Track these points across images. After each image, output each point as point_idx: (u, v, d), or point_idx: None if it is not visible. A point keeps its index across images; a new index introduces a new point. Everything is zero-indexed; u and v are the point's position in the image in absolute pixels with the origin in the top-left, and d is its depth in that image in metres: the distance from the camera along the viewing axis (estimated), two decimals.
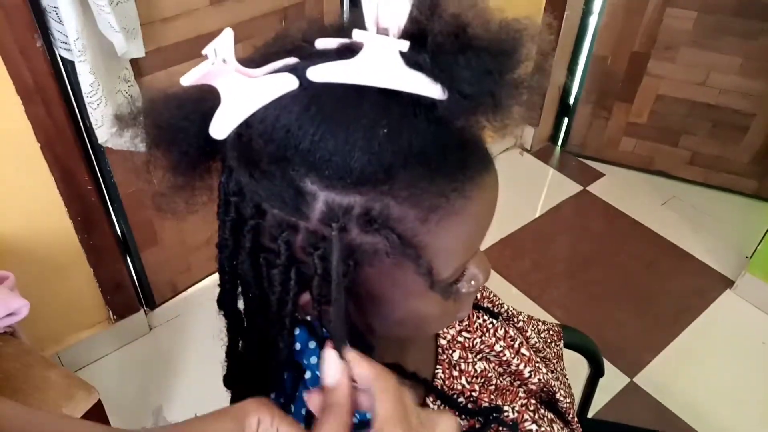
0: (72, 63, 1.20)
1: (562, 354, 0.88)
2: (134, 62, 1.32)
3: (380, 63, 0.38)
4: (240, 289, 0.48)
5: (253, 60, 0.42)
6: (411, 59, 0.38)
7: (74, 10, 1.11)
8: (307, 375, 0.52)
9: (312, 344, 0.54)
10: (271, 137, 0.39)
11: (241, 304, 0.50)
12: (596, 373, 1.03)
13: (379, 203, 0.39)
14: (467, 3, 0.39)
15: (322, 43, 0.42)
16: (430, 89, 0.38)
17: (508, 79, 0.38)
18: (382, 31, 0.38)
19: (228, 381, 0.54)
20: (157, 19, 1.37)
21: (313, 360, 0.53)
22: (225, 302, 0.49)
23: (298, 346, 0.54)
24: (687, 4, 2.06)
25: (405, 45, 0.37)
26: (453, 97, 0.38)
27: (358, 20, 0.40)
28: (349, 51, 0.39)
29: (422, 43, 0.38)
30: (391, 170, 0.38)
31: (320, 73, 0.38)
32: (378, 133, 0.38)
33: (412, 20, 0.38)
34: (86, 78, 1.19)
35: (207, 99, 0.41)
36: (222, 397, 0.55)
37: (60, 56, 1.23)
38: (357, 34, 0.38)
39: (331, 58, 0.39)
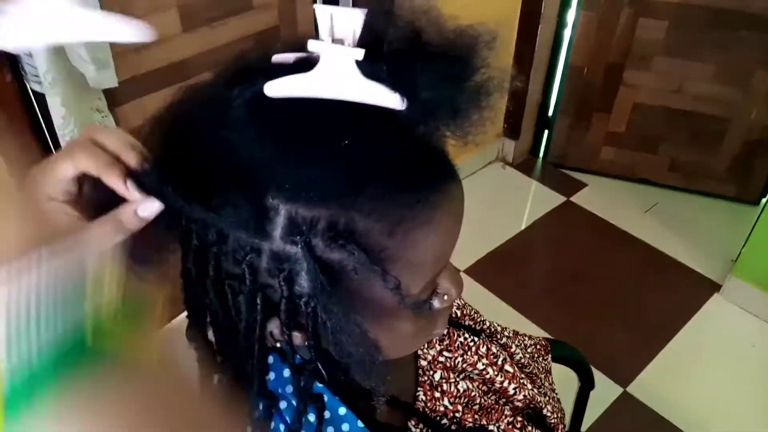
0: (44, 96, 1.18)
1: (550, 369, 0.87)
2: (108, 92, 1.31)
3: (337, 75, 0.38)
4: (209, 319, 0.47)
5: (217, 83, 0.42)
6: (368, 70, 0.38)
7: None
8: (283, 405, 0.51)
9: (286, 372, 0.52)
10: (230, 157, 0.38)
11: (212, 336, 0.48)
12: (586, 385, 1.02)
13: (344, 217, 0.38)
14: (420, 10, 0.39)
15: (279, 58, 0.42)
16: (389, 99, 0.38)
17: (467, 85, 0.38)
18: (338, 42, 0.38)
19: None
20: (130, 47, 1.36)
21: (289, 389, 0.51)
22: (194, 334, 0.47)
23: (272, 375, 0.53)
24: (659, 14, 2.09)
25: (360, 53, 0.37)
26: (412, 104, 0.38)
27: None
28: (306, 64, 0.39)
29: (378, 53, 0.38)
30: (354, 182, 0.38)
31: (277, 88, 0.38)
32: (339, 145, 0.37)
33: (367, 29, 0.38)
34: (58, 111, 1.17)
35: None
36: None
37: (31, 89, 1.22)
38: (312, 45, 0.38)
39: (288, 72, 0.38)
